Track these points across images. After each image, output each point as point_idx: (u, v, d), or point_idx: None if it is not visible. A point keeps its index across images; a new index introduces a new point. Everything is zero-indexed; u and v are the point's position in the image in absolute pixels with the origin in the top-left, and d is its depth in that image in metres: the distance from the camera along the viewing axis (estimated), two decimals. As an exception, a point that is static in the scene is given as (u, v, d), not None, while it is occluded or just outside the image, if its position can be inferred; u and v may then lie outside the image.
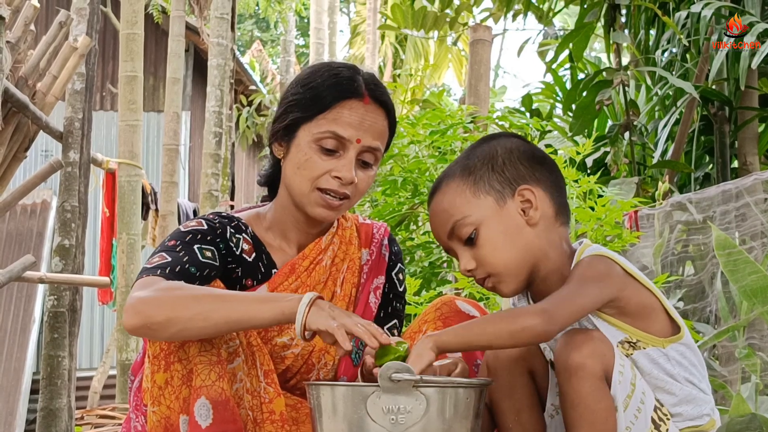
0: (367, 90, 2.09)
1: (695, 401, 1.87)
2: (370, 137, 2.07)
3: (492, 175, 1.92)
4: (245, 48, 25.03)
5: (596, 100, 6.63)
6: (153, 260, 1.97)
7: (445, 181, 1.96)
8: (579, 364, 1.77)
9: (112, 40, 12.24)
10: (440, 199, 1.96)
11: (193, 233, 2.04)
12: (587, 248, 1.92)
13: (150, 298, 1.82)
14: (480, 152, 1.96)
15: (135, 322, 1.82)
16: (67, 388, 4.64)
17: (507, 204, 1.91)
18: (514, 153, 1.95)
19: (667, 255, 4.75)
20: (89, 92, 4.86)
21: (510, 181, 1.92)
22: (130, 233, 6.94)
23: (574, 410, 1.78)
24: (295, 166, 2.07)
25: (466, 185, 1.92)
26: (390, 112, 2.14)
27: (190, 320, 1.79)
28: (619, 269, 1.86)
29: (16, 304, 9.92)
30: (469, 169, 1.94)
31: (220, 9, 7.97)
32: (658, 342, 1.86)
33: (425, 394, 1.70)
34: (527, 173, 1.93)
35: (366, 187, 2.12)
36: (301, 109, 2.07)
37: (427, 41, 18.22)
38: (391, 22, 10.98)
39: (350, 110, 2.05)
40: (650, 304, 1.87)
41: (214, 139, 7.88)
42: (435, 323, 2.17)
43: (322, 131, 2.04)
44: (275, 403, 1.97)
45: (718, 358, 4.50)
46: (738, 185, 4.43)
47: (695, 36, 6.72)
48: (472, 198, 1.91)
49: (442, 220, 1.95)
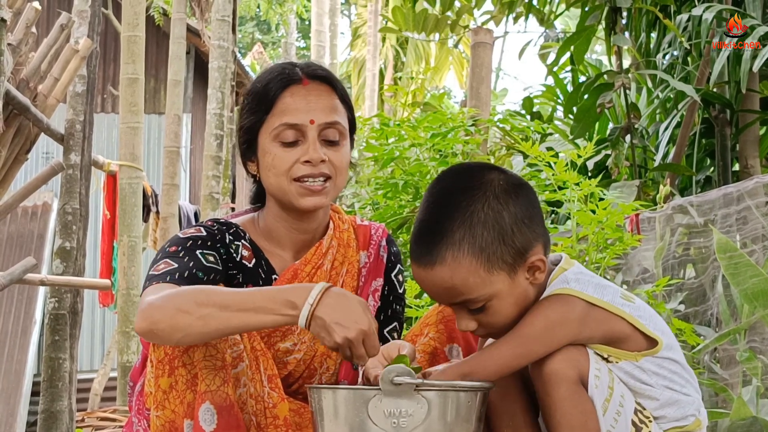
0: (304, 72, 2.12)
1: (678, 403, 1.87)
2: (321, 114, 2.08)
3: (504, 249, 1.83)
4: (246, 50, 25.04)
5: (597, 103, 6.63)
6: (159, 267, 1.98)
7: (450, 254, 1.82)
8: (553, 370, 1.77)
9: (114, 42, 12.24)
10: (447, 276, 1.83)
11: (193, 239, 2.05)
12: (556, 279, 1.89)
13: (157, 303, 1.83)
14: (485, 220, 1.84)
15: (143, 327, 1.82)
16: (68, 390, 4.63)
17: (518, 274, 1.86)
18: (518, 212, 1.85)
19: (668, 258, 4.74)
20: (90, 94, 4.86)
21: (520, 251, 1.85)
22: (131, 235, 6.95)
23: (553, 417, 1.78)
24: (267, 170, 2.09)
25: (480, 264, 1.82)
26: (335, 86, 2.15)
27: (191, 326, 1.79)
28: (579, 309, 1.83)
29: (17, 306, 9.92)
30: (478, 245, 1.82)
31: (221, 11, 7.98)
32: (630, 356, 1.85)
33: (427, 398, 1.70)
34: (530, 234, 1.86)
35: (343, 163, 2.11)
36: (252, 116, 2.11)
37: (428, 44, 18.23)
38: (392, 24, 10.99)
39: (293, 96, 2.08)
40: (619, 330, 1.85)
41: (215, 141, 7.88)
42: (437, 326, 2.16)
43: (275, 127, 2.07)
44: (279, 408, 1.97)
45: (719, 361, 4.49)
46: (739, 188, 4.42)
47: (696, 39, 6.72)
48: (486, 276, 1.83)
49: (448, 294, 1.86)
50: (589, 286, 1.88)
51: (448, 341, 2.15)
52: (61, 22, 4.32)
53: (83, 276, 4.90)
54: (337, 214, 2.27)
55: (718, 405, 4.08)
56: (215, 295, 1.84)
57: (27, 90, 4.12)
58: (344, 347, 1.78)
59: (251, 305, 1.82)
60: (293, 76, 2.11)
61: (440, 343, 2.14)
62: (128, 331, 6.87)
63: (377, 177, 4.42)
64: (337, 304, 1.79)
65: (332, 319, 1.77)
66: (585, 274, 1.91)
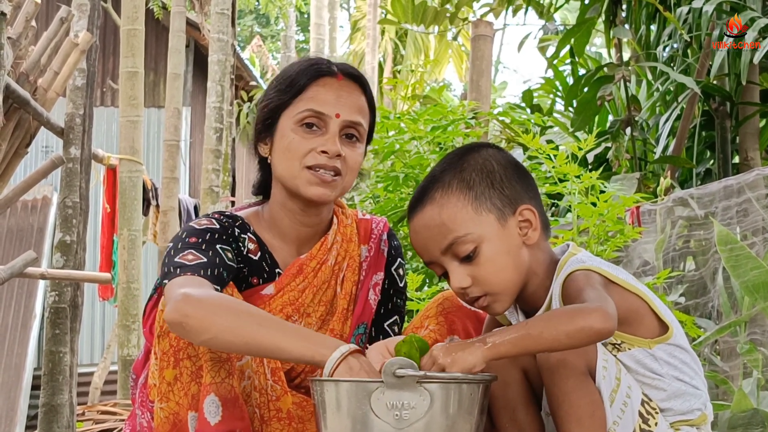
0: (339, 69, 2.14)
1: (685, 396, 1.87)
2: (348, 111, 2.09)
3: (493, 192, 1.87)
4: (245, 43, 25.00)
5: (597, 96, 6.63)
6: (186, 257, 1.96)
7: (439, 193, 1.88)
8: (560, 361, 1.77)
9: (113, 36, 12.23)
10: (435, 212, 1.87)
11: (210, 231, 2.05)
12: (569, 259, 1.90)
13: (195, 299, 1.81)
14: (474, 165, 1.90)
15: (175, 318, 1.80)
16: (69, 384, 4.63)
17: (508, 223, 1.87)
18: (509, 169, 1.91)
19: (669, 250, 4.74)
20: (90, 88, 4.85)
21: (510, 199, 1.88)
22: (131, 229, 6.95)
23: (560, 408, 1.78)
24: (281, 152, 2.10)
25: (467, 200, 1.86)
26: (365, 89, 2.16)
27: (222, 332, 1.77)
28: (599, 279, 1.84)
29: (16, 300, 9.93)
30: (466, 183, 1.87)
31: (221, 4, 7.96)
32: (643, 343, 1.85)
33: (429, 390, 1.70)
34: (523, 191, 1.90)
35: (356, 164, 2.12)
36: (279, 97, 2.12)
37: (427, 37, 18.21)
38: (391, 16, 10.97)
39: (325, 87, 2.10)
40: (636, 309, 1.85)
41: (215, 134, 7.87)
42: (437, 318, 2.17)
43: (301, 110, 2.08)
44: (282, 401, 1.97)
45: (720, 354, 4.50)
46: (740, 180, 4.42)
47: (696, 31, 6.71)
48: (474, 214, 1.85)
49: (437, 234, 1.86)
50: (603, 265, 1.89)
51: (449, 333, 2.15)
52: (61, 16, 4.31)
53: (83, 269, 4.90)
54: (341, 209, 2.28)
55: (718, 397, 4.08)
56: (254, 310, 1.84)
57: (27, 83, 4.11)
58: None
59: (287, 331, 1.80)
60: (329, 69, 2.13)
61: (440, 335, 2.15)
62: (128, 324, 6.87)
63: (377, 170, 4.41)
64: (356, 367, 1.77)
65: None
66: (596, 259, 1.92)
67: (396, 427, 1.69)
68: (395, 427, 1.69)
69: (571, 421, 1.76)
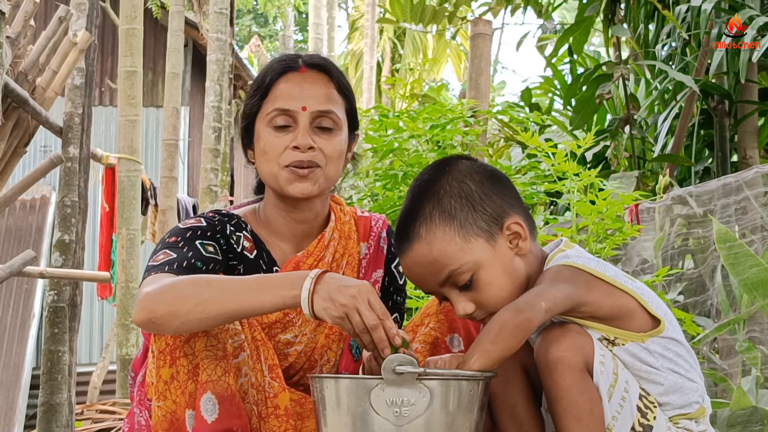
0: (303, 61, 2.14)
1: (682, 390, 1.87)
2: (314, 102, 2.08)
3: (476, 215, 1.86)
4: (243, 43, 24.99)
5: (596, 94, 6.64)
6: (158, 257, 1.97)
7: (424, 228, 1.86)
8: (558, 358, 1.77)
9: (111, 35, 12.22)
10: (425, 250, 1.86)
11: (192, 230, 2.05)
12: (556, 255, 1.91)
13: (154, 293, 1.83)
14: (450, 191, 1.88)
15: (141, 317, 1.83)
16: (68, 383, 4.63)
17: (498, 242, 1.87)
18: (485, 184, 1.90)
19: (668, 248, 4.75)
20: (89, 87, 4.84)
21: (494, 217, 1.87)
22: (129, 228, 6.94)
23: (558, 404, 1.78)
24: (261, 156, 2.11)
25: (454, 231, 1.85)
26: (331, 75, 2.15)
27: (189, 312, 1.79)
28: (585, 276, 1.84)
29: (15, 299, 9.93)
30: (448, 212, 1.86)
31: (219, 4, 7.96)
32: (636, 337, 1.85)
33: (429, 387, 1.70)
34: (504, 202, 1.89)
35: (335, 152, 2.10)
36: (251, 102, 2.13)
37: (425, 36, 18.21)
38: (389, 15, 10.97)
39: (288, 82, 2.10)
40: (625, 306, 1.85)
41: (214, 134, 7.86)
42: (437, 316, 2.16)
43: (269, 111, 2.09)
44: (280, 398, 1.97)
45: (719, 352, 4.51)
46: (738, 179, 4.43)
47: (695, 30, 6.72)
48: (463, 244, 1.85)
49: (432, 271, 1.87)
50: (591, 262, 1.89)
51: (449, 331, 2.15)
52: (60, 15, 4.31)
53: (82, 269, 4.90)
54: (339, 206, 2.27)
55: (717, 395, 4.09)
56: (214, 281, 1.85)
57: (25, 83, 4.11)
58: (352, 311, 1.75)
59: (250, 287, 1.82)
60: (292, 64, 2.13)
61: (441, 333, 2.15)
62: (127, 323, 6.86)
63: (376, 168, 4.41)
64: (337, 278, 1.80)
65: (334, 287, 1.78)
66: (586, 255, 1.92)
67: (396, 423, 1.69)
68: (395, 423, 1.69)
69: (569, 418, 1.77)
